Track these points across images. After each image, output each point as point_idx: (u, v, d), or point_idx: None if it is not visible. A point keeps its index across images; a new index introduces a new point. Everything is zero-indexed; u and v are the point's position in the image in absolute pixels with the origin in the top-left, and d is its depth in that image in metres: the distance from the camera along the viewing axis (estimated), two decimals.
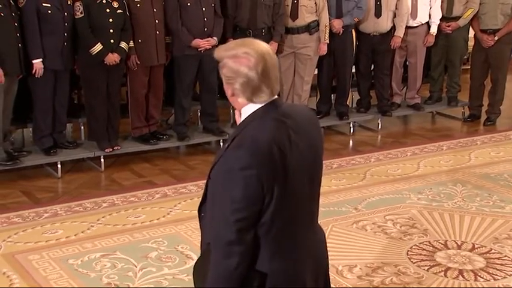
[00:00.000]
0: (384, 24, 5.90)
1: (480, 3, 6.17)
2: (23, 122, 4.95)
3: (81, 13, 4.63)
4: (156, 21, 4.94)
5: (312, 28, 5.56)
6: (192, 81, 5.29)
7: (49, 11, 4.51)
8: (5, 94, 4.40)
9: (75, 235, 3.74)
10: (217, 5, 5.18)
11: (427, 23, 6.19)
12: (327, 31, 5.59)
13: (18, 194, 4.42)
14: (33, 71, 4.50)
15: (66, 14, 4.60)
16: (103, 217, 4.00)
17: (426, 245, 3.71)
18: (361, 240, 3.78)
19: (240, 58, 1.74)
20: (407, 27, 6.06)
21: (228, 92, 1.80)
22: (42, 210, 4.09)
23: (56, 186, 4.60)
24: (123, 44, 4.78)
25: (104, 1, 4.69)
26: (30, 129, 5.03)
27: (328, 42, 5.62)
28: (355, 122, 6.24)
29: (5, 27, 4.32)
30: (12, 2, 4.43)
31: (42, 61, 4.51)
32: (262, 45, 1.79)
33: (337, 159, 5.33)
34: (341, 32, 5.70)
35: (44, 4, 4.49)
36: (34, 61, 4.48)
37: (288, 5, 5.49)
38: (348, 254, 3.60)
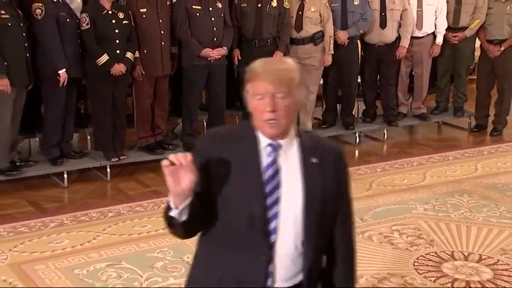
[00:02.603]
0: (389, 34, 5.91)
1: (487, 14, 6.18)
2: (30, 132, 4.97)
3: (87, 24, 4.66)
4: (162, 31, 4.97)
5: (316, 39, 5.58)
6: (200, 92, 5.31)
7: (67, 19, 4.56)
8: (13, 104, 4.42)
9: (81, 245, 3.74)
10: (227, 14, 5.21)
11: (433, 33, 6.19)
12: (332, 42, 5.60)
13: (25, 204, 4.43)
14: (59, 81, 4.51)
15: (78, 21, 4.65)
16: (109, 227, 4.00)
17: (433, 255, 3.69)
18: (367, 250, 3.76)
19: None
20: (413, 38, 6.07)
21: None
22: (48, 220, 4.10)
23: (62, 196, 4.62)
24: (128, 55, 4.81)
25: (110, 12, 4.72)
26: (37, 139, 5.06)
27: (332, 53, 5.63)
28: (361, 132, 6.24)
29: (13, 37, 4.35)
30: (20, 12, 4.46)
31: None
32: None
33: None
34: (346, 43, 5.71)
35: (61, 13, 4.54)
36: (60, 71, 4.50)
37: (292, 16, 5.52)
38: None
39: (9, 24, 4.32)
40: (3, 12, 4.30)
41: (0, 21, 4.27)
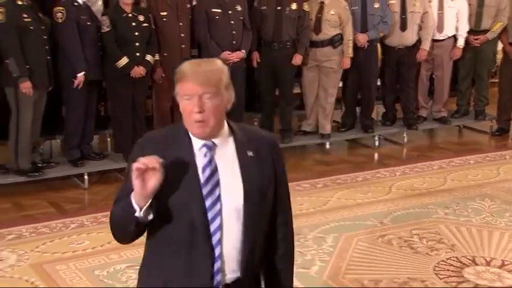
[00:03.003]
0: (409, 37, 5.87)
1: (509, 17, 6.11)
2: (51, 133, 5.03)
3: (107, 27, 4.70)
4: (182, 34, 5.00)
5: (335, 42, 5.56)
6: None
7: (88, 23, 4.61)
8: (34, 106, 4.48)
9: (101, 246, 3.77)
10: (246, 17, 5.22)
11: (454, 36, 6.14)
12: (351, 45, 5.58)
13: (46, 205, 4.47)
14: (75, 83, 4.55)
15: (98, 24, 4.70)
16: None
17: (454, 260, 3.65)
18: (386, 254, 3.73)
19: None
20: (434, 40, 6.03)
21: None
22: (69, 221, 4.14)
23: (83, 197, 4.66)
24: (148, 57, 4.84)
25: (130, 15, 4.76)
26: (58, 140, 5.11)
27: (351, 56, 5.61)
28: (380, 135, 6.20)
29: (34, 40, 4.40)
30: (41, 16, 4.52)
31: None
32: None
33: (362, 173, 5.29)
34: (366, 46, 5.69)
35: (82, 17, 4.59)
36: (79, 74, 4.55)
37: (311, 19, 5.51)
38: (374, 268, 3.56)
39: (31, 27, 4.38)
40: (25, 15, 4.35)
41: (22, 25, 4.32)
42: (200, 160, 1.74)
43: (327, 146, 5.98)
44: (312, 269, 3.54)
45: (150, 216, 1.68)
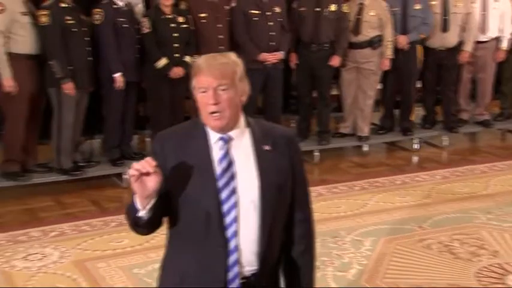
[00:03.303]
0: (451, 39, 5.77)
1: None
2: (92, 133, 5.12)
3: (147, 28, 4.77)
4: (220, 36, 5.02)
5: (374, 43, 5.51)
6: (256, 96, 5.34)
7: (124, 25, 4.68)
8: (76, 106, 4.57)
9: (139, 245, 3.82)
10: (285, 19, 5.22)
11: (498, 37, 6.00)
12: (391, 46, 5.52)
13: (87, 203, 4.56)
14: (115, 85, 4.64)
15: (136, 27, 4.76)
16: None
17: (496, 267, 3.57)
18: (426, 259, 3.67)
19: None
20: (477, 42, 5.90)
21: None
22: (109, 220, 4.21)
23: (122, 196, 4.73)
24: (187, 58, 4.88)
25: (170, 16, 4.81)
26: (99, 140, 5.20)
27: (391, 57, 5.55)
28: (419, 138, 6.10)
29: (76, 42, 4.50)
30: (83, 18, 4.61)
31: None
32: None
33: (401, 176, 5.22)
34: (406, 48, 5.61)
35: (119, 19, 4.66)
36: (115, 75, 4.63)
37: (350, 20, 5.47)
38: (412, 273, 3.50)
39: (74, 29, 4.47)
40: (69, 18, 4.45)
41: (65, 27, 4.42)
42: (216, 153, 1.77)
43: (364, 148, 5.93)
44: (350, 272, 3.51)
45: (149, 215, 1.72)
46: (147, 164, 1.66)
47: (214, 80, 1.72)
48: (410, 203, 4.57)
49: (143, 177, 1.67)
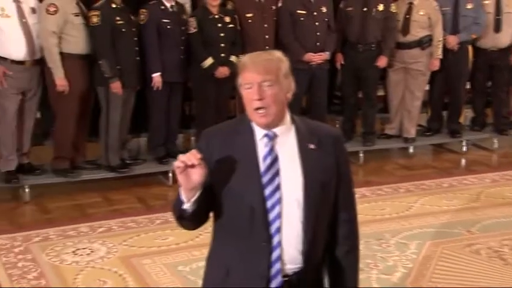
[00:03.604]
0: (503, 39, 5.62)
1: None
2: (139, 131, 5.21)
3: (194, 28, 4.81)
4: (266, 36, 5.03)
5: (424, 43, 5.41)
6: (301, 96, 5.32)
7: (168, 26, 4.73)
8: (123, 105, 4.66)
9: (184, 242, 3.87)
10: (331, 19, 5.19)
11: None
12: (440, 46, 5.41)
13: (133, 200, 4.64)
14: (152, 84, 4.72)
15: (183, 28, 4.80)
16: (210, 226, 4.07)
17: None
18: (474, 264, 3.59)
19: None
20: None
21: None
22: (154, 217, 4.27)
23: (167, 194, 4.79)
24: (233, 58, 4.90)
25: (217, 16, 4.85)
26: (145, 138, 5.29)
27: (441, 57, 5.44)
28: (468, 140, 5.96)
29: (125, 42, 4.58)
30: (132, 18, 4.69)
31: (160, 75, 4.73)
32: None
33: (448, 179, 5.12)
34: (456, 48, 5.49)
35: (163, 20, 4.72)
36: (154, 75, 4.71)
37: (399, 20, 5.38)
38: (460, 278, 3.43)
39: (123, 30, 4.56)
40: (118, 18, 4.54)
41: (115, 27, 4.51)
42: (261, 149, 1.79)
43: (411, 150, 5.83)
44: (394, 275, 3.46)
45: (194, 208, 1.75)
46: (192, 156, 1.69)
47: (259, 76, 1.74)
48: (457, 207, 4.47)
49: (188, 170, 1.69)
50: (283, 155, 1.79)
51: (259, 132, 1.80)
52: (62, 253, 3.72)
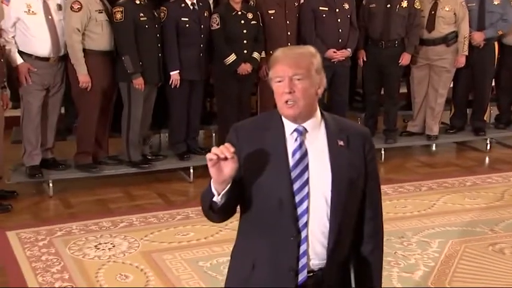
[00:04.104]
0: None
1: None
2: (160, 127, 5.23)
3: (217, 24, 4.82)
4: (289, 33, 5.01)
5: (449, 40, 5.34)
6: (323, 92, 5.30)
7: (187, 25, 4.73)
8: (144, 101, 4.69)
9: (205, 238, 3.88)
10: (353, 16, 5.16)
11: None
12: (466, 43, 5.34)
13: (154, 196, 4.67)
14: (170, 82, 4.74)
15: (202, 26, 4.80)
16: (231, 222, 4.04)
17: None
18: (498, 264, 3.54)
19: None
20: None
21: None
22: (175, 213, 4.30)
23: (188, 190, 4.82)
24: (255, 55, 4.90)
25: (240, 13, 4.84)
26: (166, 134, 5.32)
27: (466, 54, 5.37)
28: (492, 138, 5.88)
29: (148, 38, 4.60)
30: (156, 15, 4.71)
31: (179, 72, 4.73)
32: None
33: (472, 177, 5.06)
34: (482, 45, 5.41)
35: (182, 18, 4.72)
36: (171, 73, 4.72)
37: (424, 16, 5.32)
38: (483, 277, 3.39)
39: (146, 26, 4.58)
40: (142, 14, 4.56)
41: (138, 24, 4.53)
42: (291, 144, 1.80)
43: (433, 147, 5.77)
44: (416, 273, 3.44)
45: (223, 201, 1.74)
46: (225, 149, 1.69)
47: (290, 69, 1.75)
48: (481, 205, 4.42)
49: (221, 162, 1.70)
50: (312, 150, 1.80)
51: (289, 127, 1.81)
52: (85, 247, 3.76)
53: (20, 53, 4.39)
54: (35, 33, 4.37)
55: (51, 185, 4.61)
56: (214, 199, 1.75)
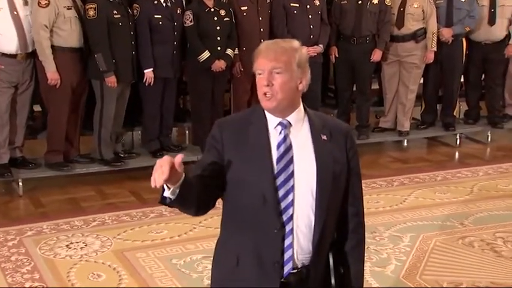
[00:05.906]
0: (497, 32, 5.64)
1: None
2: (132, 125, 5.19)
3: (190, 21, 4.79)
4: (261, 29, 5.01)
5: (418, 36, 5.42)
6: None
7: (160, 22, 4.69)
8: (118, 98, 4.64)
9: (178, 236, 3.86)
10: (324, 12, 5.19)
11: None
12: (435, 39, 5.41)
13: (127, 194, 4.63)
14: (144, 80, 4.71)
15: (175, 23, 4.77)
16: (205, 220, 4.08)
17: None
18: (467, 257, 3.60)
19: None
20: None
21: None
22: (148, 211, 4.27)
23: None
24: (229, 51, 4.89)
25: (212, 9, 4.82)
26: (139, 132, 5.27)
27: (435, 50, 5.44)
28: (462, 133, 5.98)
29: (122, 36, 4.54)
30: (130, 12, 4.66)
31: (152, 70, 4.71)
32: None
33: (442, 172, 5.13)
34: (450, 41, 5.49)
35: (155, 15, 4.68)
36: (145, 70, 4.69)
37: (393, 13, 5.38)
38: (453, 270, 3.44)
39: (120, 24, 4.52)
40: (116, 12, 4.50)
41: (111, 21, 4.47)
42: (275, 137, 1.81)
43: (405, 143, 5.84)
44: (388, 268, 3.48)
45: (175, 196, 1.71)
46: (159, 177, 1.64)
47: (269, 63, 1.77)
48: (451, 200, 4.49)
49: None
50: (296, 143, 1.81)
51: (272, 121, 1.82)
52: (56, 247, 3.71)
53: None
54: (0, 29, 4.28)
55: (20, 184, 4.53)
56: (165, 194, 1.73)
